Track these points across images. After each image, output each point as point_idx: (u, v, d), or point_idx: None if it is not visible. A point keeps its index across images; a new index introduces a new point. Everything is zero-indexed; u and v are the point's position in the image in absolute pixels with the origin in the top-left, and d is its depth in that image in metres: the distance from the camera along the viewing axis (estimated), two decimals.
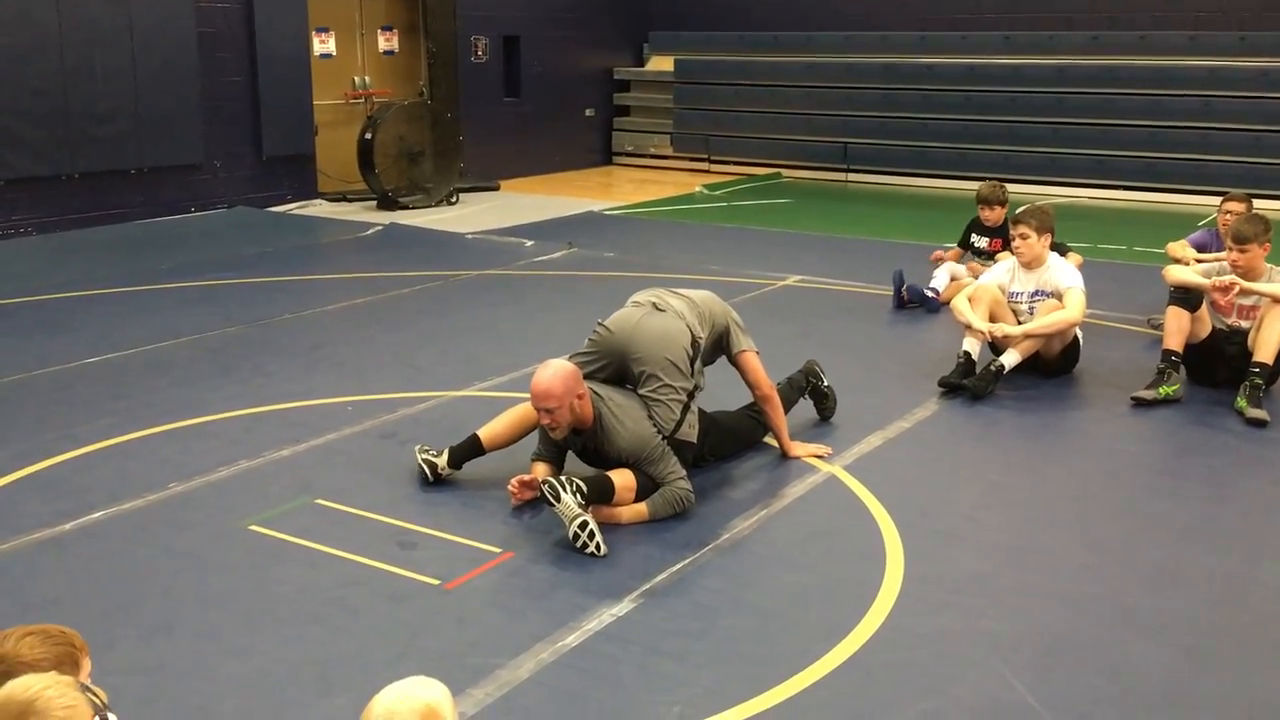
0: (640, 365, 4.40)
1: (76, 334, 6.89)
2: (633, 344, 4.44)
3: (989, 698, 3.20)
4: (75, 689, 1.85)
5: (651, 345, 4.42)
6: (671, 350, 4.42)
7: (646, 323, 4.51)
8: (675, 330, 4.49)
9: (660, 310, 4.61)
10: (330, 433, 5.20)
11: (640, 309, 4.63)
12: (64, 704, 1.80)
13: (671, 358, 4.40)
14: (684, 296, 4.76)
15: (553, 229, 10.68)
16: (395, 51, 13.73)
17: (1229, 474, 4.93)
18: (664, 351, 4.40)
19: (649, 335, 4.45)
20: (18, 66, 9.87)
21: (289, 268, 8.94)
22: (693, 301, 4.75)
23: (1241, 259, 5.68)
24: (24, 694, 1.80)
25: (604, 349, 4.53)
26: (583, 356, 4.56)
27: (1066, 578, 3.93)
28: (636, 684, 3.27)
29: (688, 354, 4.46)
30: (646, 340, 4.43)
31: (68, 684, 1.86)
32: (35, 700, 1.79)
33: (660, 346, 4.42)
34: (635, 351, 4.42)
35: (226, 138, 11.65)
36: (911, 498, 4.56)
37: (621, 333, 4.50)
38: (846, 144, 14.59)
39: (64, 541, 4.12)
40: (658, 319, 4.54)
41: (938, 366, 6.07)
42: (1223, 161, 12.63)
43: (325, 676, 3.28)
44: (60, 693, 1.82)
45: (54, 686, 1.82)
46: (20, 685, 1.82)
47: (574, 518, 4.00)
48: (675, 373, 4.39)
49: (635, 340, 4.45)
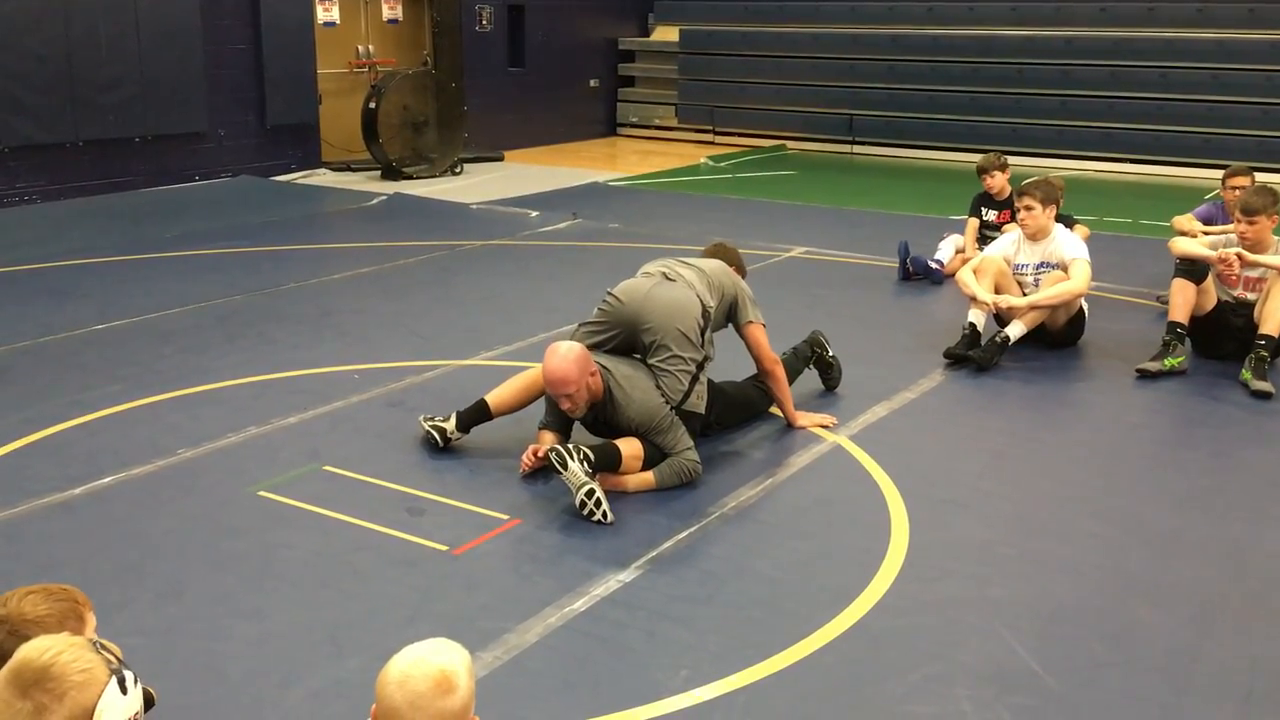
0: (651, 335, 4.41)
1: (83, 301, 6.90)
2: (643, 314, 4.45)
3: (993, 663, 3.23)
4: (90, 649, 1.82)
5: (663, 315, 4.42)
6: (683, 320, 4.42)
7: (657, 293, 4.51)
8: (686, 300, 4.49)
9: (670, 280, 4.61)
10: (337, 400, 5.22)
11: (650, 279, 4.63)
12: (80, 666, 1.78)
13: (682, 328, 4.40)
14: (694, 266, 4.76)
15: (557, 199, 10.67)
16: (399, 20, 13.66)
17: (1233, 445, 4.95)
18: (675, 322, 4.41)
19: (660, 305, 4.45)
20: (22, 33, 9.83)
21: (294, 237, 8.94)
22: (703, 271, 4.74)
23: (1250, 231, 5.67)
24: (39, 658, 1.77)
25: (614, 319, 4.53)
26: (592, 326, 4.57)
27: (1070, 546, 3.95)
28: (644, 649, 3.30)
29: (698, 324, 4.47)
30: (657, 310, 4.44)
31: (82, 645, 1.83)
32: (51, 665, 1.76)
33: (671, 317, 4.42)
34: (646, 321, 4.43)
35: (230, 106, 11.61)
36: (916, 467, 4.58)
37: (632, 303, 4.50)
38: (852, 116, 14.54)
39: (73, 506, 4.15)
40: (668, 289, 4.54)
41: (943, 338, 6.08)
42: (1231, 135, 12.58)
43: (335, 639, 3.31)
44: (75, 655, 1.79)
45: (69, 650, 1.79)
46: (34, 649, 1.80)
47: (580, 485, 4.02)
48: (686, 343, 4.40)
49: (646, 310, 4.45)
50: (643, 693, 3.06)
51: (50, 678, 1.76)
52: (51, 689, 1.76)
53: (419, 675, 1.82)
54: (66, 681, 1.77)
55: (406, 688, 1.82)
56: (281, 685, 3.09)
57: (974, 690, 3.10)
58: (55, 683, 1.77)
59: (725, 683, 3.10)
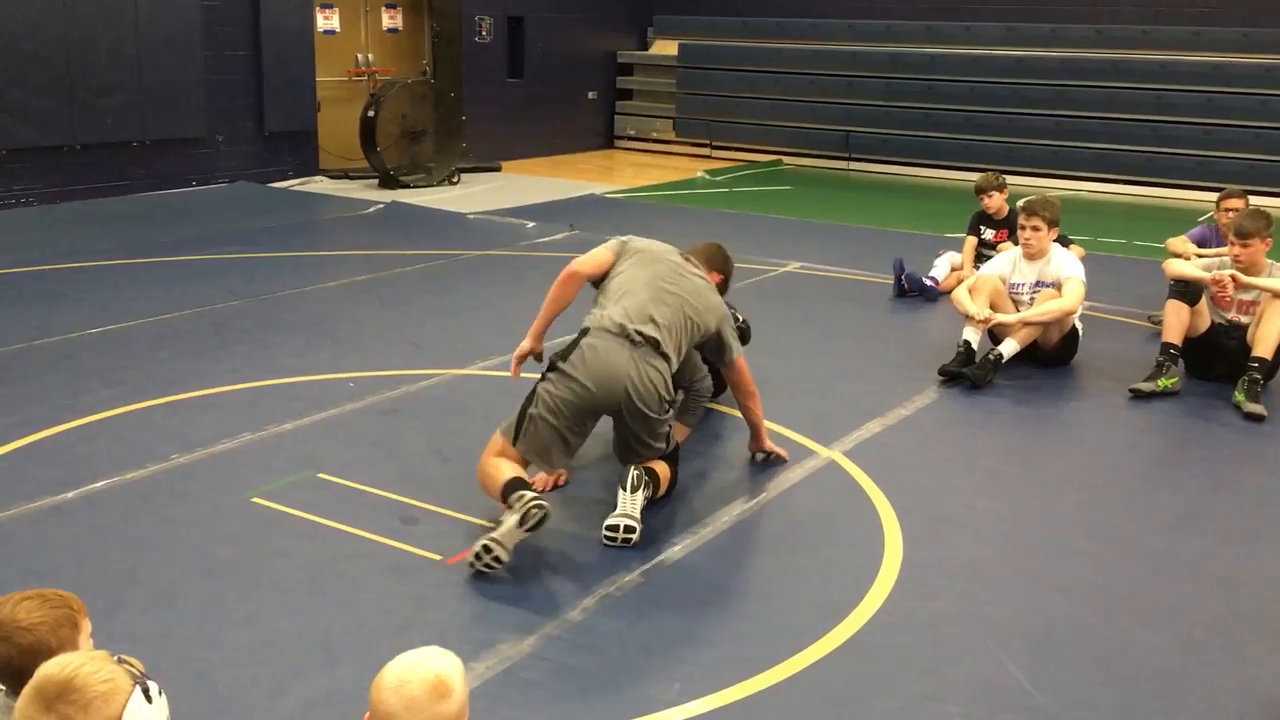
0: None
1: (78, 305, 6.89)
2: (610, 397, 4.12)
3: (985, 681, 3.24)
4: (111, 661, 1.84)
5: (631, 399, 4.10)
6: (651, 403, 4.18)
7: (625, 373, 4.13)
8: (652, 391, 4.15)
9: (638, 347, 4.17)
10: (332, 408, 5.22)
11: (624, 350, 4.14)
12: (102, 678, 1.78)
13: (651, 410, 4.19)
14: (676, 303, 4.33)
15: (554, 211, 10.68)
16: (399, 29, 13.68)
17: (1226, 466, 4.97)
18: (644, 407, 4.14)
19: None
20: (22, 36, 9.83)
21: (290, 243, 8.94)
22: (683, 313, 4.32)
23: (1244, 254, 5.70)
24: (61, 673, 1.78)
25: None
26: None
27: (1063, 565, 3.96)
28: (637, 661, 3.30)
29: (664, 406, 4.20)
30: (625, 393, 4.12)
31: (103, 657, 1.84)
32: (74, 678, 1.77)
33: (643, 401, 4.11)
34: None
35: (229, 112, 11.62)
36: (910, 484, 4.59)
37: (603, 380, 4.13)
38: (849, 132, 14.59)
39: (67, 510, 4.14)
40: (638, 371, 4.13)
41: (937, 355, 6.10)
42: (1224, 158, 12.65)
43: (328, 647, 3.30)
44: (97, 667, 1.79)
45: (90, 662, 1.80)
46: (55, 664, 1.81)
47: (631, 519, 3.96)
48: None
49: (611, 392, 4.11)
50: (636, 705, 3.06)
51: (73, 690, 1.76)
52: (75, 700, 1.76)
53: (415, 680, 1.84)
54: (90, 692, 1.77)
55: (402, 693, 1.83)
56: (273, 694, 3.09)
57: (966, 708, 3.10)
58: (79, 694, 1.76)
59: (719, 696, 3.10)
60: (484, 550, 3.69)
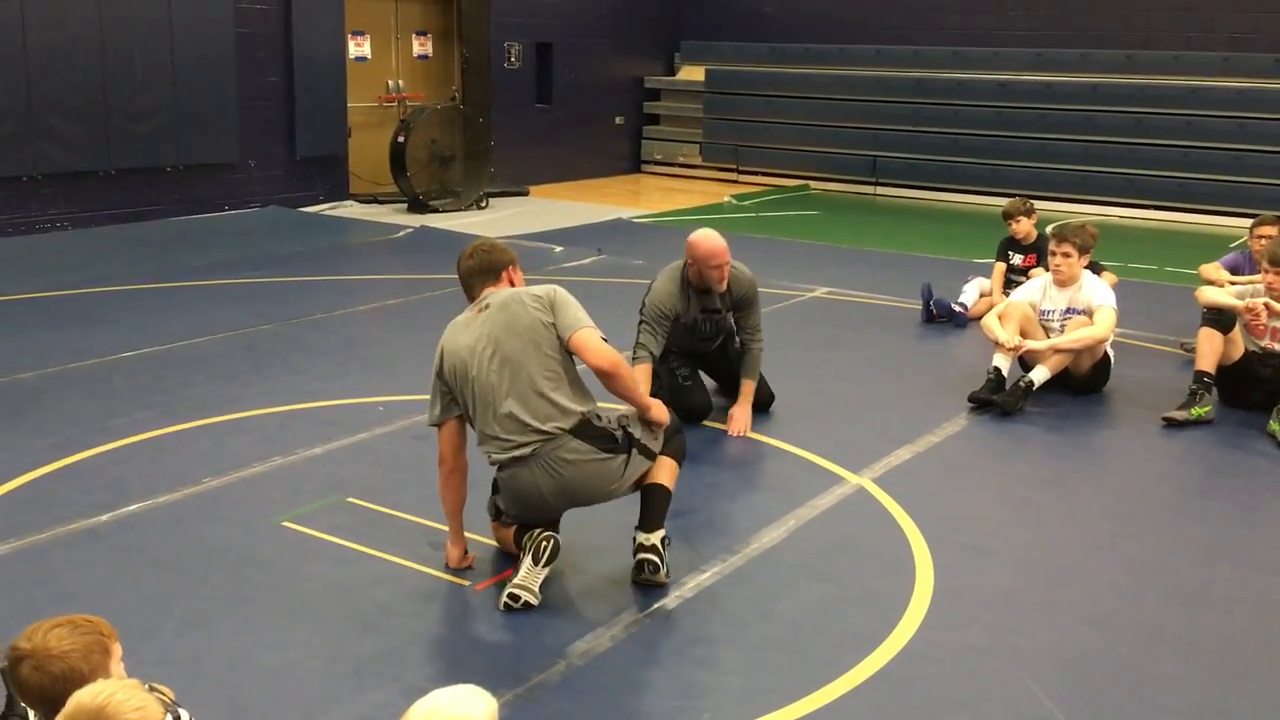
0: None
1: (113, 328, 6.97)
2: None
3: (1019, 714, 3.20)
4: (142, 689, 1.87)
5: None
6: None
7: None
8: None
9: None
10: (362, 432, 5.24)
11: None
12: (134, 705, 1.81)
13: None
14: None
15: (582, 235, 10.72)
16: (429, 56, 13.82)
17: (1261, 497, 4.91)
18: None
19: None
20: (58, 62, 9.99)
21: (321, 267, 9.01)
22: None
23: (1277, 281, 5.65)
24: (93, 701, 1.81)
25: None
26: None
27: (1096, 595, 3.92)
28: (666, 689, 3.29)
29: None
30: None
31: (134, 686, 1.87)
32: (106, 706, 1.80)
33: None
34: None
35: (261, 137, 11.75)
36: (940, 512, 4.56)
37: None
38: (876, 157, 14.59)
39: (100, 532, 4.18)
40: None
41: (966, 381, 6.07)
42: (1256, 183, 12.56)
43: (358, 673, 3.31)
44: (129, 695, 1.82)
45: (122, 690, 1.83)
46: (89, 693, 1.84)
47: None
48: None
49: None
50: None
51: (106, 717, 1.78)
52: None
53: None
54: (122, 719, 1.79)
55: None
56: (304, 718, 3.09)
57: None
58: None
59: None
60: (511, 599, 3.66)
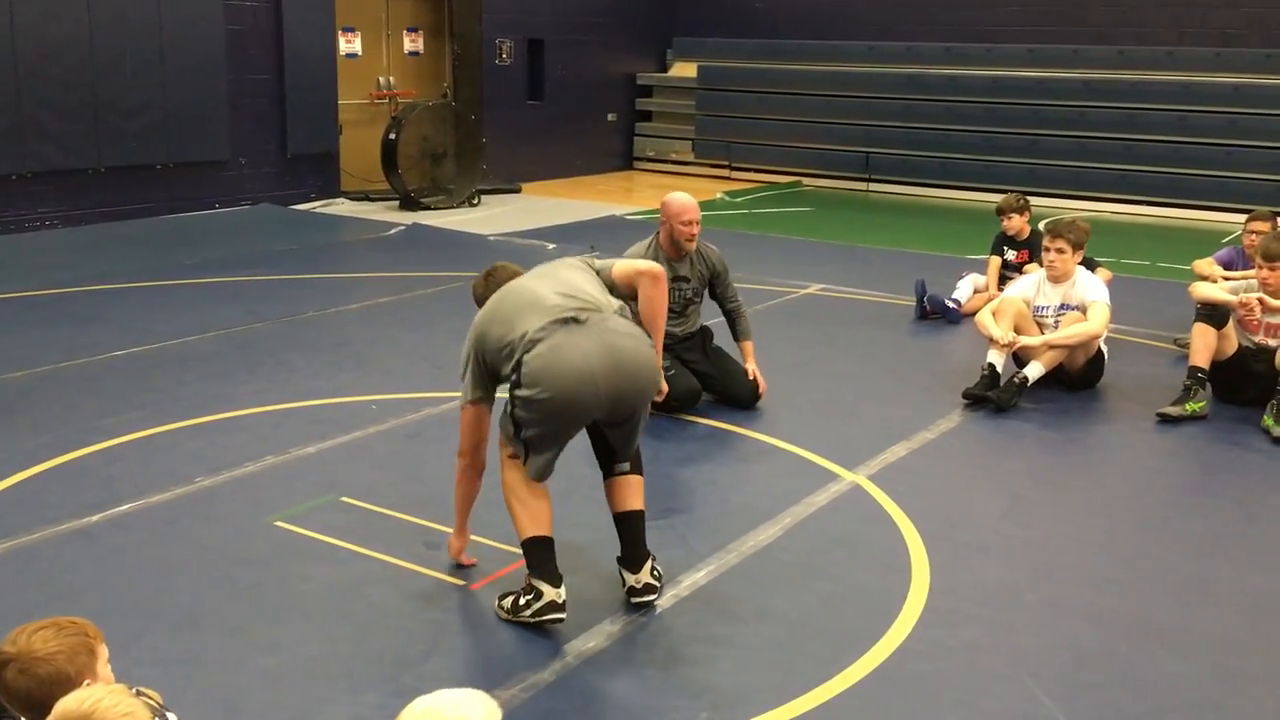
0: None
1: (104, 327, 6.93)
2: None
3: (1017, 712, 3.19)
4: (129, 694, 1.86)
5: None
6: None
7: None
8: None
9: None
10: (356, 430, 5.22)
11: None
12: (121, 711, 1.81)
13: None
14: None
15: (575, 232, 10.70)
16: (420, 53, 13.78)
17: (1256, 492, 4.91)
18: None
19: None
20: (48, 59, 9.92)
21: (313, 265, 8.98)
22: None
23: (1271, 276, 5.66)
24: (79, 708, 1.81)
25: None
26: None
27: (1094, 592, 3.91)
28: (662, 688, 3.27)
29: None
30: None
31: (121, 690, 1.87)
32: (93, 712, 1.79)
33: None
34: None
35: (252, 135, 11.70)
36: (936, 509, 4.55)
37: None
38: (868, 154, 14.59)
39: (92, 533, 4.15)
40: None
41: (961, 378, 6.06)
42: (1248, 179, 12.58)
43: (352, 673, 3.29)
44: (116, 701, 1.82)
45: (109, 696, 1.83)
46: (74, 699, 1.83)
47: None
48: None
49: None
50: None
51: None
52: None
53: None
54: None
55: None
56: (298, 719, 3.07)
57: None
58: None
59: None
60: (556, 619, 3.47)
